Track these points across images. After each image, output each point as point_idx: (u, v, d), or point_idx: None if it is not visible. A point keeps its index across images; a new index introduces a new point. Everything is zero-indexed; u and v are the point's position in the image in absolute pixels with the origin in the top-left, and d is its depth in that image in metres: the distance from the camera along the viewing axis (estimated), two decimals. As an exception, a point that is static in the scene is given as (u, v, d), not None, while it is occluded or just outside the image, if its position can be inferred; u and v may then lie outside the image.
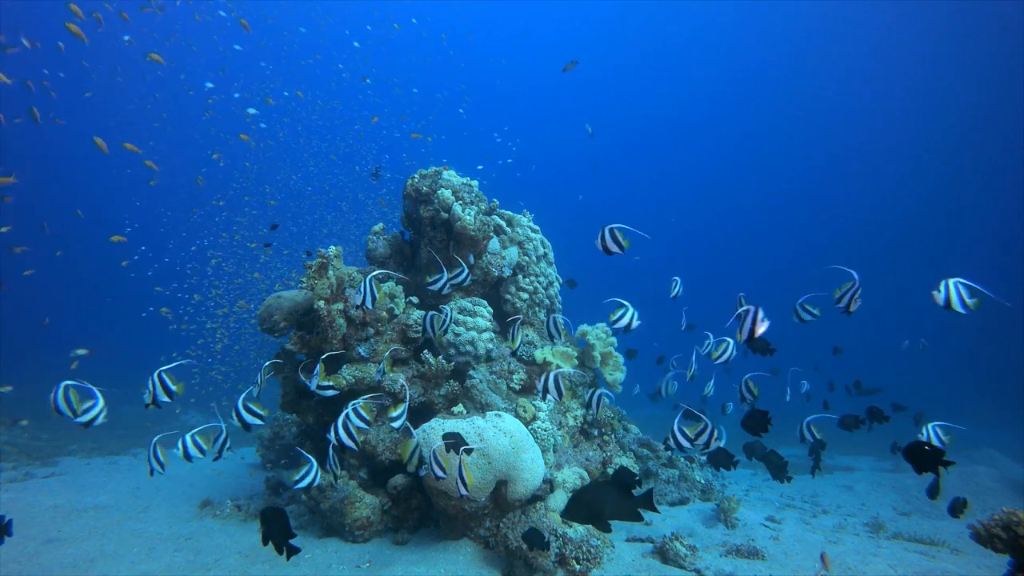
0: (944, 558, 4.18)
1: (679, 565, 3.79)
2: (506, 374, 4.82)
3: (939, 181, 30.16)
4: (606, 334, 5.44)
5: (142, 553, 3.76)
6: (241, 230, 10.09)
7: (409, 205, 5.56)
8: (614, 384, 5.44)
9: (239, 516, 4.63)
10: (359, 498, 4.02)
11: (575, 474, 4.47)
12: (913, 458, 2.65)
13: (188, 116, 22.17)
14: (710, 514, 5.15)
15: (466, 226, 4.90)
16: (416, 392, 4.45)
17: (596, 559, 3.57)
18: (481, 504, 3.71)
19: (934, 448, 2.63)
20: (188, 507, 4.84)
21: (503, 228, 5.44)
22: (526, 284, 5.44)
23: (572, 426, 4.93)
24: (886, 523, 5.17)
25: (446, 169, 5.41)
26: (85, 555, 3.68)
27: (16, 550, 3.68)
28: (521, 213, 5.83)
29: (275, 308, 4.68)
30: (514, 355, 4.97)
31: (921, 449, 2.64)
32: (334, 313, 4.35)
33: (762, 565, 3.87)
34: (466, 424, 3.79)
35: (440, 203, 5.04)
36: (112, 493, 5.21)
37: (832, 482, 7.41)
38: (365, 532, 3.98)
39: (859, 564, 3.85)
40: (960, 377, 21.46)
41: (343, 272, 4.67)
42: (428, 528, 4.24)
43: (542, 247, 5.79)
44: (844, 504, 6.25)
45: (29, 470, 6.03)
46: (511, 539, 3.49)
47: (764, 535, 4.59)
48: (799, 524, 5.12)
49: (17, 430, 7.81)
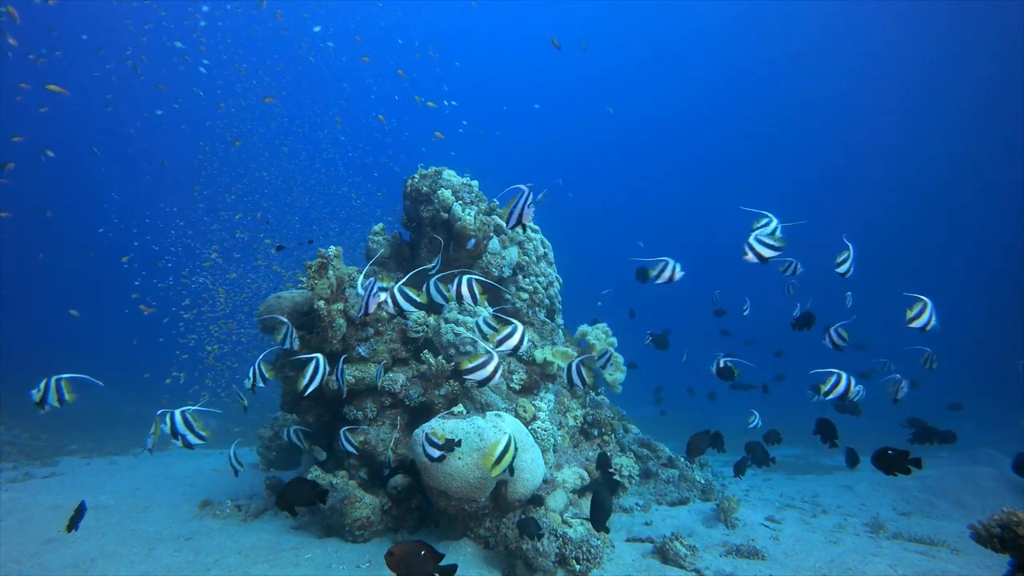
0: (944, 558, 4.17)
1: (679, 565, 3.79)
2: (506, 374, 4.82)
3: (939, 181, 30.16)
4: (606, 334, 5.44)
5: (142, 553, 3.76)
6: (245, 233, 10.09)
7: (409, 205, 5.56)
8: (614, 384, 5.44)
9: (239, 516, 4.63)
10: (359, 498, 4.02)
11: (575, 474, 4.47)
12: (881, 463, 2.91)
13: (189, 115, 22.14)
14: (710, 514, 5.15)
15: (466, 226, 4.90)
16: (416, 392, 4.45)
17: (596, 559, 3.57)
18: (481, 504, 3.71)
19: (897, 452, 2.87)
20: (188, 507, 4.84)
21: (503, 228, 5.44)
22: (526, 284, 5.44)
23: (572, 426, 4.93)
24: (886, 523, 5.17)
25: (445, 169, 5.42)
26: (85, 555, 3.68)
27: (16, 550, 3.68)
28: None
29: (275, 308, 4.68)
30: (514, 355, 4.97)
31: (886, 454, 2.89)
32: (334, 313, 4.35)
33: (762, 565, 3.86)
34: (466, 424, 3.78)
35: (440, 203, 5.04)
36: (112, 493, 5.21)
37: (832, 482, 7.41)
38: (365, 532, 3.98)
39: (859, 564, 3.84)
40: (960, 377, 21.45)
41: (343, 272, 4.67)
42: (428, 528, 4.24)
43: (542, 247, 5.79)
44: (844, 504, 6.25)
45: (29, 470, 6.03)
46: (511, 539, 3.49)
47: (764, 535, 4.59)
48: (799, 524, 5.12)
49: (17, 430, 7.81)
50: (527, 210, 2.69)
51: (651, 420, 10.55)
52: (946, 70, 25.44)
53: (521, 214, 2.69)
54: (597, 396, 5.55)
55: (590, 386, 5.55)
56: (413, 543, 2.15)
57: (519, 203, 2.70)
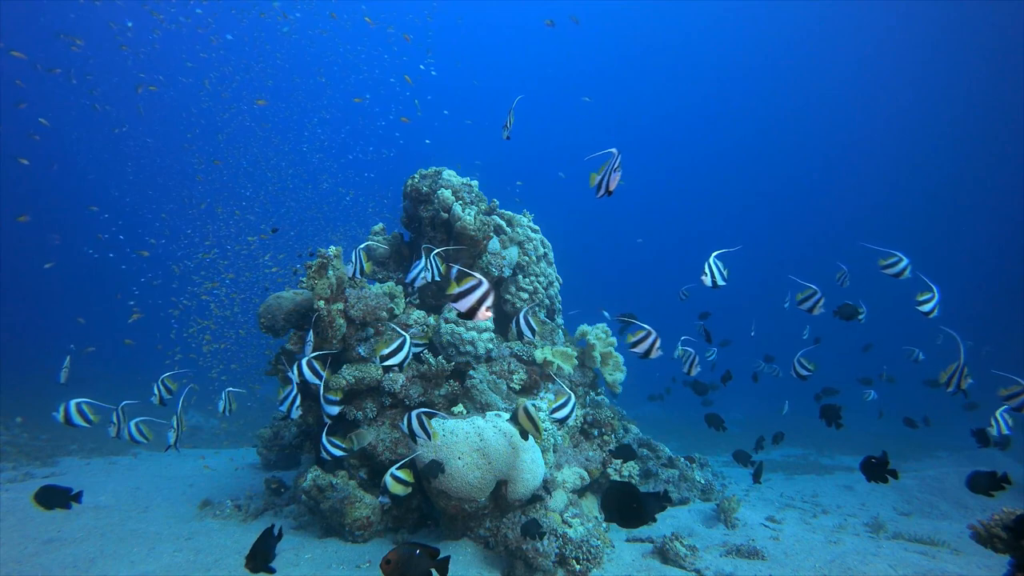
0: (944, 558, 4.17)
1: (679, 565, 3.79)
2: (506, 374, 4.82)
3: (939, 181, 30.16)
4: (606, 334, 5.43)
5: (142, 553, 3.76)
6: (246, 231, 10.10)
7: (409, 205, 5.56)
8: (614, 384, 5.44)
9: (239, 516, 4.63)
10: (359, 498, 4.02)
11: (575, 474, 4.47)
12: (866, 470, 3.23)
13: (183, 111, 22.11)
14: (710, 514, 5.15)
15: (466, 226, 4.90)
16: (416, 392, 4.45)
17: (596, 559, 3.57)
18: (481, 504, 3.71)
19: (879, 460, 3.16)
20: (188, 507, 4.84)
21: (503, 228, 5.44)
22: (526, 284, 5.44)
23: (572, 426, 4.93)
24: (886, 523, 5.17)
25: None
26: (85, 555, 3.68)
27: (16, 550, 3.68)
28: (521, 213, 5.83)
29: (275, 308, 4.68)
30: (514, 355, 4.97)
31: (870, 462, 3.19)
32: (334, 313, 4.34)
33: (762, 565, 3.87)
34: (466, 424, 3.78)
35: (440, 203, 5.04)
36: (112, 493, 5.21)
37: (832, 482, 7.41)
38: (365, 532, 3.98)
39: (859, 564, 3.84)
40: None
41: (343, 272, 4.67)
42: (428, 528, 4.24)
43: (542, 247, 5.78)
44: (844, 504, 6.25)
45: (29, 470, 6.03)
46: (511, 539, 3.49)
47: (764, 535, 4.59)
48: (799, 524, 5.12)
49: (16, 430, 7.81)
50: (613, 175, 2.45)
51: (651, 420, 10.54)
52: (946, 70, 25.44)
53: (609, 180, 2.46)
54: (597, 396, 5.54)
55: (590, 385, 5.55)
56: (406, 545, 2.16)
57: (608, 168, 2.45)
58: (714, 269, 2.97)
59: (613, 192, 2.48)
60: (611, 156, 2.44)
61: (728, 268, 3.01)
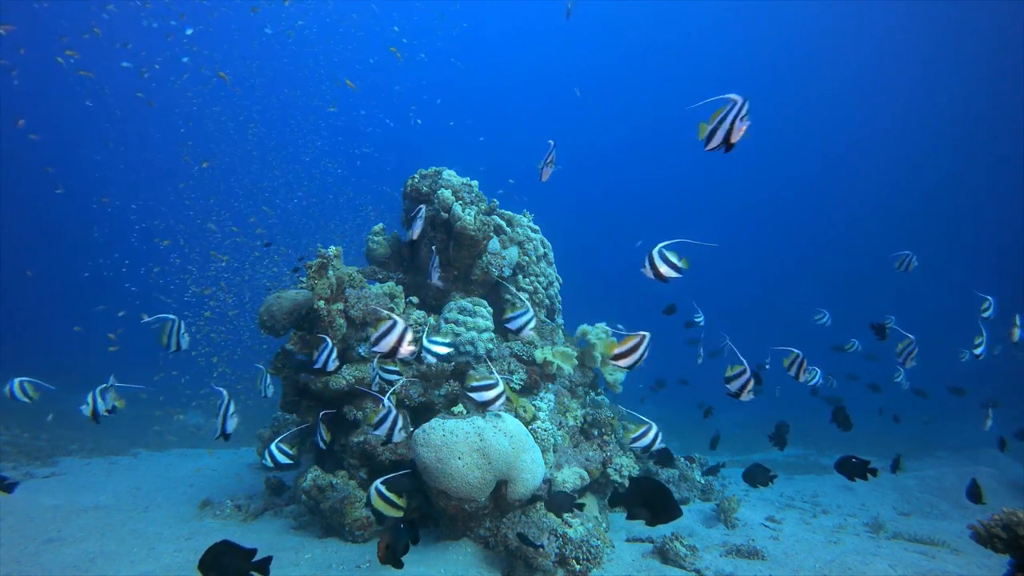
0: (944, 558, 4.17)
1: (679, 565, 3.79)
2: (506, 374, 4.82)
3: (939, 181, 30.15)
4: (606, 333, 5.43)
5: (142, 553, 3.76)
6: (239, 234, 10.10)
7: (409, 205, 5.56)
8: (614, 384, 5.44)
9: (239, 516, 4.63)
10: (359, 498, 4.02)
11: (575, 474, 4.47)
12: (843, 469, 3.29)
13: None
14: (710, 514, 5.15)
15: (466, 226, 4.90)
16: (416, 392, 4.45)
17: (596, 559, 3.57)
18: (481, 504, 3.70)
19: (859, 460, 3.23)
20: (188, 507, 4.83)
21: (503, 228, 5.44)
22: (526, 284, 5.44)
23: (572, 426, 4.93)
24: (886, 523, 5.17)
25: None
26: (85, 555, 3.68)
27: (16, 550, 3.68)
28: (521, 213, 5.83)
29: (275, 308, 4.67)
30: (514, 355, 4.97)
31: (850, 461, 3.25)
32: (334, 313, 4.35)
33: (762, 565, 3.87)
34: (466, 424, 3.78)
35: (440, 203, 5.04)
36: (112, 493, 5.21)
37: (832, 482, 7.40)
38: (365, 532, 3.98)
39: (859, 564, 3.84)
40: (960, 376, 21.41)
41: (343, 272, 4.67)
42: (428, 528, 4.23)
43: (542, 247, 5.79)
44: (844, 504, 6.25)
45: (29, 470, 6.03)
46: (511, 539, 3.49)
47: (764, 535, 4.59)
48: (799, 524, 5.12)
49: (17, 430, 7.81)
50: (739, 123, 2.00)
51: (651, 419, 10.50)
52: (946, 70, 25.43)
53: (731, 131, 1.99)
54: (597, 396, 5.54)
55: (590, 385, 5.55)
56: (221, 544, 2.18)
57: (728, 116, 2.01)
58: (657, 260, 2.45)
59: (734, 146, 2.00)
60: (731, 102, 2.03)
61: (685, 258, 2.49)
